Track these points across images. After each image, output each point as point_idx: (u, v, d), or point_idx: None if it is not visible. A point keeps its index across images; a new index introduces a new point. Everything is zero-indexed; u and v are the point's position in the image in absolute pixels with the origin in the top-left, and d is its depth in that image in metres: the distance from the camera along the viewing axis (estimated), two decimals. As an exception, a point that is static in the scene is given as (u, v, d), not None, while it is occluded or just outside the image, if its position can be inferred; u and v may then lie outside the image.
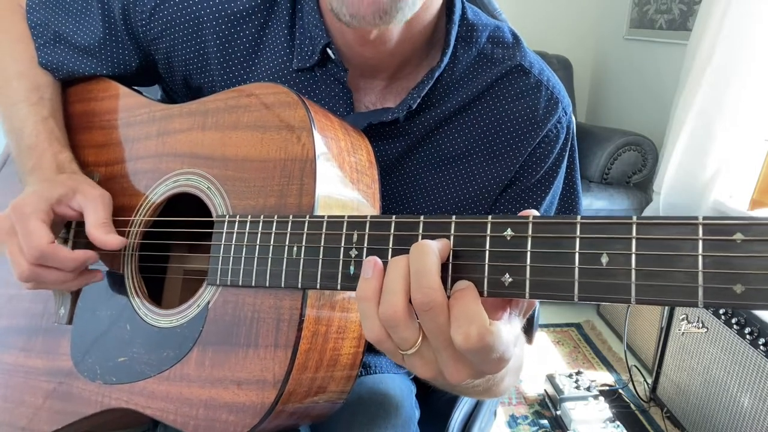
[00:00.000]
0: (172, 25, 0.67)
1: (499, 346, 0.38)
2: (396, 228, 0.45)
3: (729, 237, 0.33)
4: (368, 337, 0.42)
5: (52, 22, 0.72)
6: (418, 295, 0.39)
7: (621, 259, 0.36)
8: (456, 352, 0.40)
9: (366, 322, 0.41)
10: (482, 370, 0.40)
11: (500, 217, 0.41)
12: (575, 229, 0.38)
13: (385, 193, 0.67)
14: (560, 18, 3.09)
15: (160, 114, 0.67)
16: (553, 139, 0.68)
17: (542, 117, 0.67)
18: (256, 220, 0.54)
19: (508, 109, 0.67)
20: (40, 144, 0.67)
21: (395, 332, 0.40)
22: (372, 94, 0.68)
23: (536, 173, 0.68)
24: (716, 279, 0.33)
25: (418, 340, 0.40)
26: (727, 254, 0.33)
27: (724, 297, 0.33)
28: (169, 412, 0.56)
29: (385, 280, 0.41)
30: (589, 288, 0.37)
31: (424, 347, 0.41)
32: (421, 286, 0.39)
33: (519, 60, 0.67)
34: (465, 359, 0.40)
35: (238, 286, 0.54)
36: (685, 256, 0.34)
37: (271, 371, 0.51)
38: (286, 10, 0.66)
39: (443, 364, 0.40)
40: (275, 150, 0.56)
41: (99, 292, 0.66)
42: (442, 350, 0.40)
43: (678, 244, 0.34)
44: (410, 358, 0.42)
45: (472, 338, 0.37)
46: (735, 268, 0.33)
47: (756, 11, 1.83)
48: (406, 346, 0.41)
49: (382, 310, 0.40)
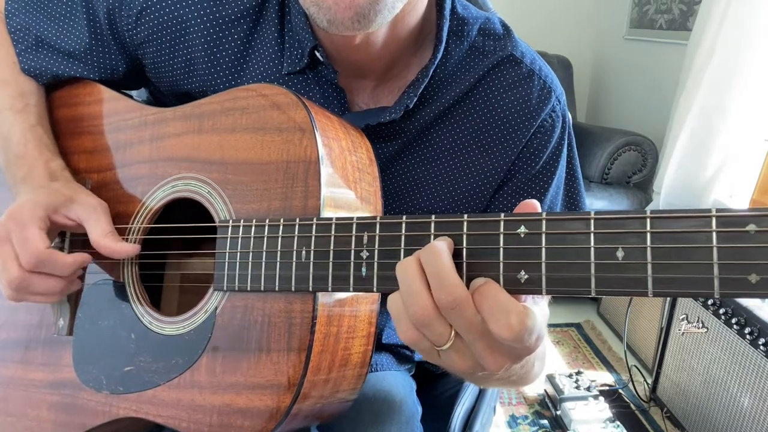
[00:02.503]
0: (159, 29, 0.65)
1: (536, 327, 0.38)
2: (407, 228, 0.45)
3: (742, 228, 0.34)
4: (404, 340, 0.42)
5: (34, 27, 0.69)
6: (442, 296, 0.39)
7: (637, 252, 0.37)
8: (491, 342, 0.40)
9: (399, 326, 0.42)
10: (521, 353, 0.41)
11: (513, 214, 0.41)
12: (590, 225, 0.38)
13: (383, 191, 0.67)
14: (560, 18, 3.09)
15: (153, 118, 0.65)
16: (549, 129, 0.68)
17: (536, 106, 0.67)
18: (262, 225, 0.53)
19: (500, 99, 0.67)
20: (29, 153, 0.65)
21: (428, 330, 0.41)
22: (364, 93, 0.68)
23: (535, 164, 0.68)
24: (731, 269, 0.34)
25: (452, 333, 0.41)
26: (741, 245, 0.34)
27: (740, 287, 0.34)
28: (182, 420, 0.56)
29: (401, 284, 0.42)
30: (606, 282, 0.38)
31: (458, 341, 0.41)
32: (442, 286, 0.39)
33: (510, 50, 0.67)
34: (501, 347, 0.40)
35: (247, 291, 0.54)
36: (700, 248, 0.35)
37: (286, 375, 0.51)
38: (275, 14, 0.65)
39: (480, 355, 0.41)
40: (276, 152, 0.55)
41: (99, 302, 0.65)
42: (476, 342, 0.41)
43: (692, 236, 0.35)
44: (447, 354, 0.42)
45: (515, 327, 0.37)
46: (749, 258, 0.34)
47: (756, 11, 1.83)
48: (442, 341, 0.41)
49: (411, 312, 0.40)
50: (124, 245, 0.60)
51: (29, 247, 0.56)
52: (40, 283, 0.59)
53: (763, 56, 1.86)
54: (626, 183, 2.51)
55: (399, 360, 0.83)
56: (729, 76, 1.93)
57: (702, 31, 2.00)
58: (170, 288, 0.73)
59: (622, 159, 2.46)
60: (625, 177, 2.50)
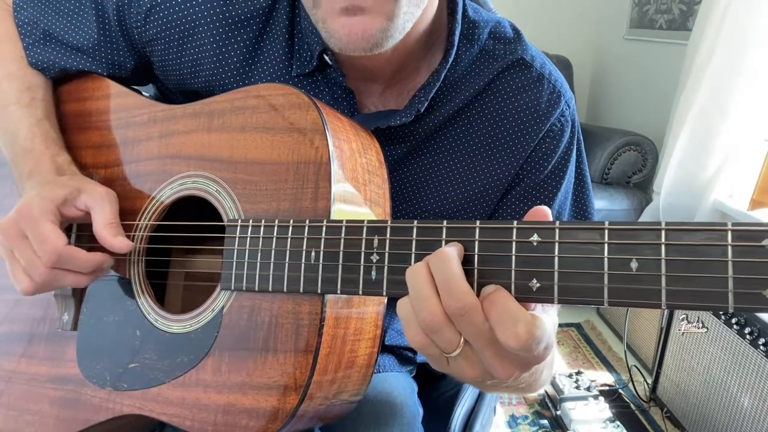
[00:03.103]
0: (168, 27, 0.65)
1: (545, 336, 0.39)
2: (418, 233, 0.45)
3: (758, 243, 0.34)
4: (413, 345, 0.42)
5: (41, 21, 0.69)
6: (451, 303, 0.39)
7: (651, 264, 0.37)
8: (499, 350, 0.40)
9: (408, 331, 0.42)
10: (529, 362, 0.41)
11: (526, 222, 0.41)
12: (603, 235, 0.38)
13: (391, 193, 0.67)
14: (560, 18, 3.08)
15: (162, 115, 0.65)
16: (558, 133, 0.68)
17: (545, 110, 0.67)
18: (271, 225, 0.53)
19: (510, 103, 0.67)
20: (36, 147, 0.65)
21: (438, 336, 0.41)
22: (373, 96, 0.68)
23: (544, 169, 0.68)
24: (746, 284, 0.34)
25: (461, 340, 0.41)
26: (756, 260, 0.34)
27: (754, 302, 0.34)
28: (186, 418, 0.56)
29: (410, 289, 0.42)
30: (618, 293, 0.38)
31: (467, 348, 0.41)
32: (452, 293, 0.39)
33: (520, 54, 0.67)
34: (510, 355, 0.40)
35: (254, 291, 0.54)
36: (715, 262, 0.35)
37: (292, 376, 0.51)
38: (285, 16, 0.64)
39: (488, 363, 0.41)
40: (287, 152, 0.55)
41: (104, 298, 0.65)
42: (484, 350, 0.41)
43: (707, 249, 0.35)
44: (456, 361, 0.42)
45: (522, 337, 0.38)
46: (765, 273, 0.34)
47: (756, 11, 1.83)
48: (451, 348, 0.41)
49: (421, 318, 0.40)
50: (120, 240, 0.59)
51: (47, 244, 0.56)
52: (64, 278, 0.59)
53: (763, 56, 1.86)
54: (626, 183, 2.51)
55: (401, 361, 0.83)
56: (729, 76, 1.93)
57: (702, 31, 2.00)
58: (174, 286, 0.72)
59: (622, 159, 2.46)
60: (625, 177, 2.50)
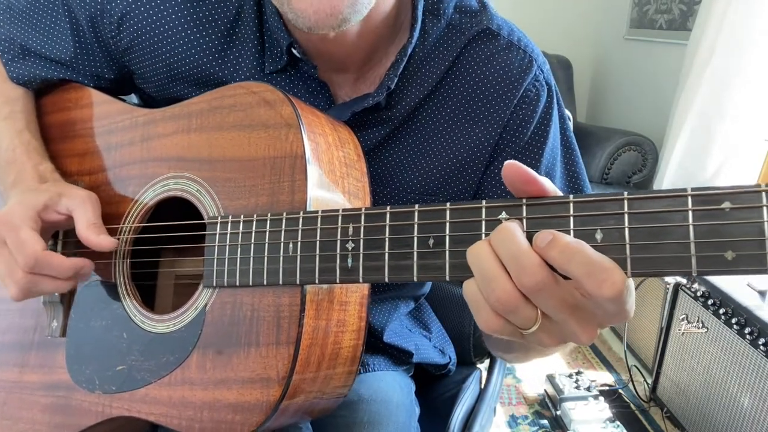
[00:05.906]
0: (140, 34, 0.66)
1: (631, 284, 0.37)
2: (391, 218, 0.45)
3: (718, 206, 0.34)
4: (486, 329, 0.40)
5: (18, 36, 0.70)
6: (524, 279, 0.37)
7: (615, 234, 0.37)
8: (584, 315, 0.38)
9: (480, 316, 0.40)
10: (614, 317, 0.38)
11: (494, 200, 0.41)
12: (569, 208, 0.39)
13: (373, 175, 0.67)
14: (560, 18, 3.10)
15: (143, 119, 0.66)
16: (534, 98, 0.67)
17: (517, 76, 0.66)
18: (249, 220, 0.54)
19: (480, 73, 0.66)
20: (18, 158, 0.66)
21: (515, 315, 0.38)
22: (346, 86, 0.68)
23: (524, 135, 0.67)
24: (708, 247, 0.34)
25: (539, 314, 0.39)
26: (716, 222, 0.34)
27: (717, 264, 0.34)
28: (173, 417, 0.56)
29: (475, 271, 0.39)
30: (585, 264, 0.38)
31: (545, 321, 0.39)
32: (524, 268, 0.37)
33: (486, 24, 0.67)
34: (594, 318, 0.38)
35: (236, 287, 0.54)
36: (677, 227, 0.35)
37: (275, 369, 0.51)
38: (253, 14, 0.65)
39: (571, 331, 0.39)
40: (263, 148, 0.56)
41: (92, 302, 0.65)
42: (568, 320, 0.38)
43: (669, 215, 0.36)
44: (533, 335, 0.40)
45: (618, 284, 0.35)
46: (725, 235, 0.34)
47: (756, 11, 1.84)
48: (529, 325, 0.39)
49: (493, 300, 0.38)
50: (104, 238, 0.60)
51: (25, 249, 0.57)
52: (43, 283, 0.59)
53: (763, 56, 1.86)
54: (626, 183, 2.51)
55: (396, 362, 0.83)
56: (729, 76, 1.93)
57: (702, 31, 2.01)
58: (165, 287, 0.73)
59: (622, 159, 2.46)
60: (625, 177, 2.49)
